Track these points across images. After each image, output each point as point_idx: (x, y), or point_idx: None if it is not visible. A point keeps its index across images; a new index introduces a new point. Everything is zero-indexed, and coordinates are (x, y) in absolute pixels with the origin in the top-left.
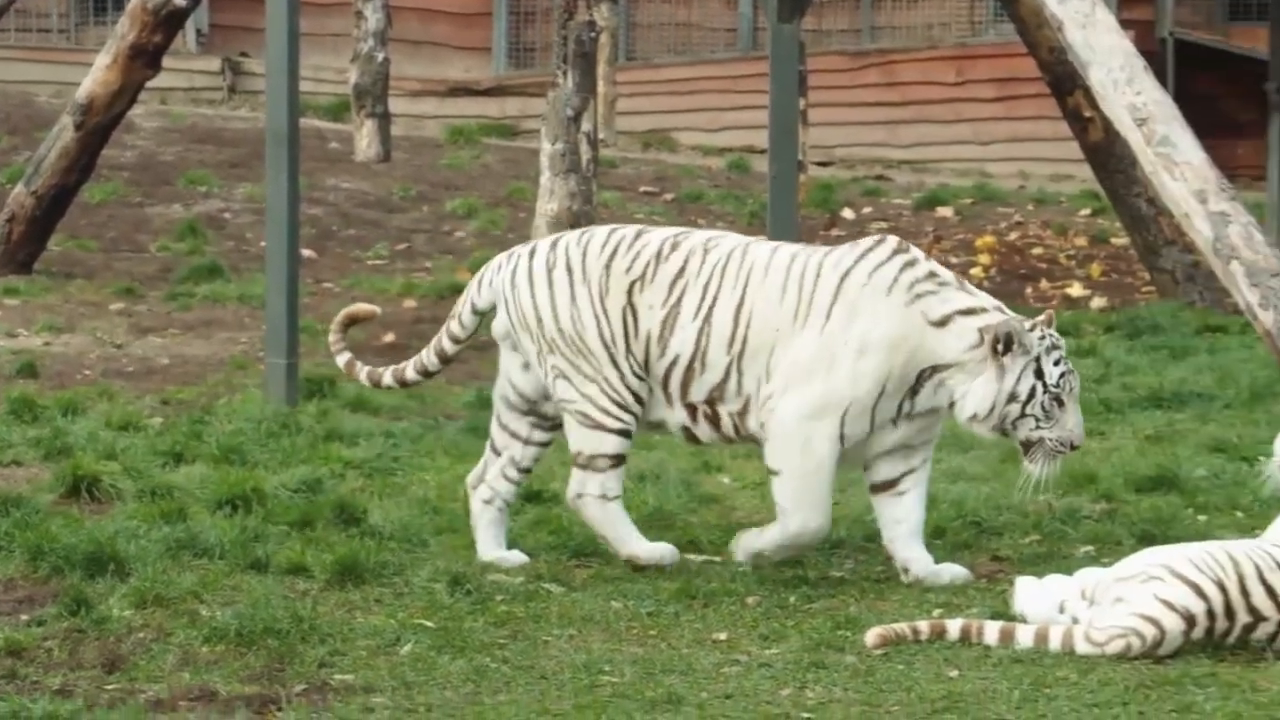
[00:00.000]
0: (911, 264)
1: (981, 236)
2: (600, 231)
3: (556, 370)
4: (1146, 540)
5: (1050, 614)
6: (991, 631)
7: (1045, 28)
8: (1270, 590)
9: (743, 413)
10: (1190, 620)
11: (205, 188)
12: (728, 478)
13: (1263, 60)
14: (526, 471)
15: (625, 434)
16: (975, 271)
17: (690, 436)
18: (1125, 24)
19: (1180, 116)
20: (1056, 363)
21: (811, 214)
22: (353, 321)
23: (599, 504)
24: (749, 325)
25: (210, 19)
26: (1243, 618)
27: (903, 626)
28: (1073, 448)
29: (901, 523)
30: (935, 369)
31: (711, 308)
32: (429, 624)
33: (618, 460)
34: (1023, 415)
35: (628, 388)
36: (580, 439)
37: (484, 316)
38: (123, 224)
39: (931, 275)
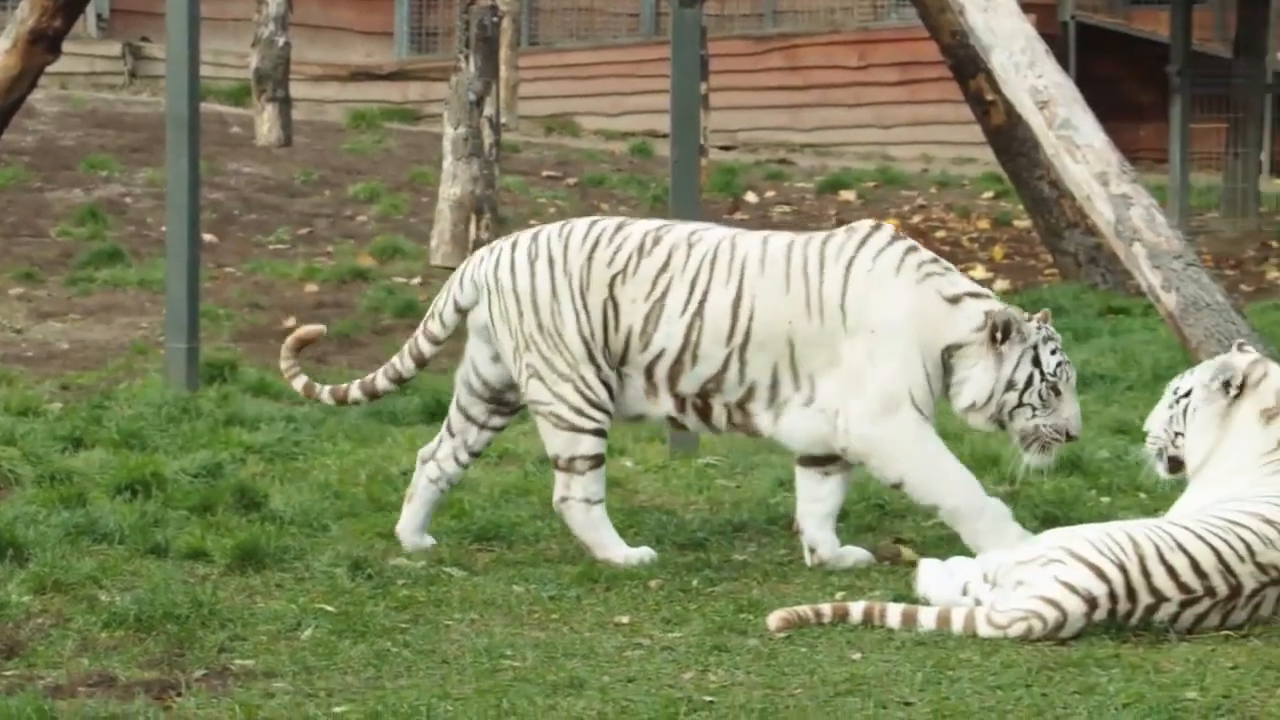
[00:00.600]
0: (914, 248)
1: (885, 219)
2: (581, 223)
3: (531, 369)
4: (1049, 522)
5: (953, 597)
6: (894, 614)
7: (947, 11)
8: (1172, 571)
9: (744, 401)
10: (1092, 602)
11: (106, 172)
12: (630, 461)
13: (1163, 43)
14: (476, 455)
15: (600, 434)
16: None
17: (676, 426)
18: (1026, 8)
19: (1081, 99)
20: (1053, 352)
21: (714, 198)
22: (302, 345)
23: (583, 509)
24: (752, 318)
25: (111, 4)
26: (1144, 599)
27: (805, 609)
28: (1069, 437)
29: (820, 502)
30: (949, 350)
31: (702, 302)
32: (330, 609)
33: (597, 461)
34: (1020, 404)
35: (603, 384)
36: (555, 442)
37: (466, 314)
38: (23, 209)
39: (935, 260)
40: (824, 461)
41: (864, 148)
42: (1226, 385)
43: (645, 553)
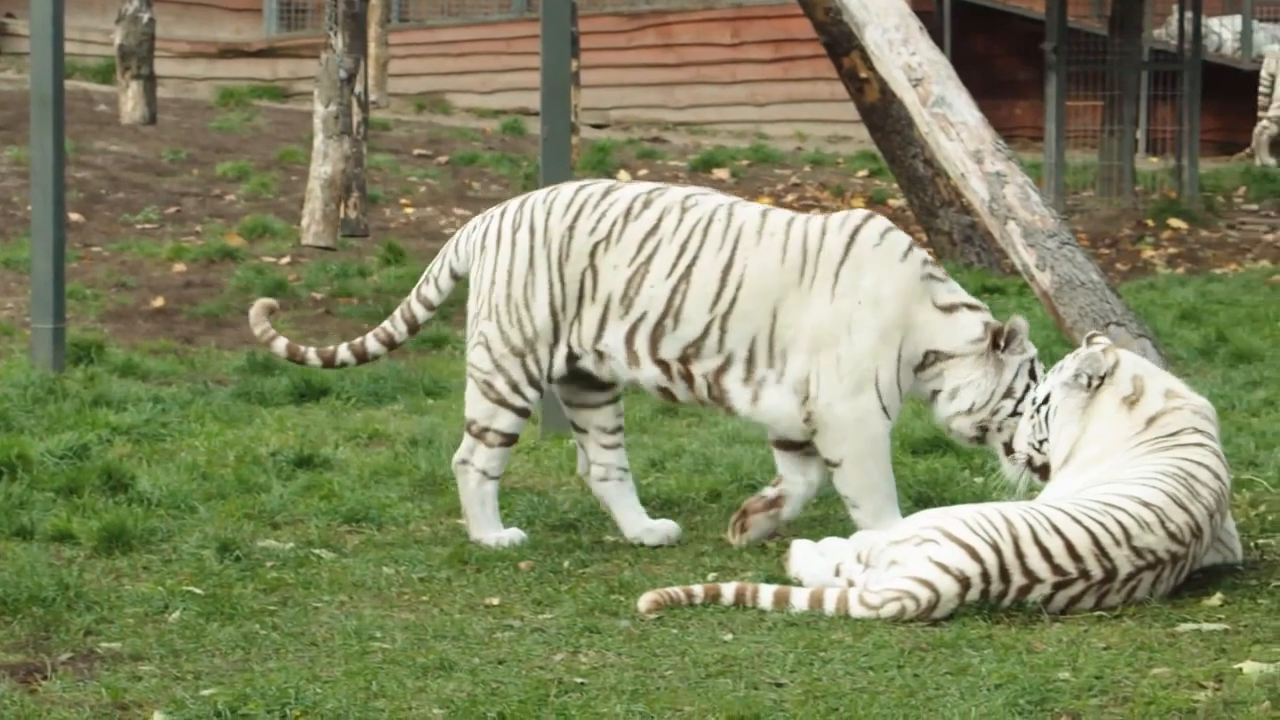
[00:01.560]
0: (916, 244)
1: (758, 198)
2: (567, 190)
3: (481, 337)
4: (923, 502)
5: (826, 577)
6: (766, 595)
7: None
8: (1046, 553)
9: (721, 371)
10: (965, 582)
11: None
12: None
13: (1039, 20)
14: (618, 430)
15: (524, 413)
16: None
17: (667, 395)
18: None
19: (955, 76)
20: (1044, 371)
21: (587, 176)
22: (271, 310)
23: (478, 479)
24: (740, 286)
25: None
26: (1018, 580)
27: (677, 590)
28: None
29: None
30: (937, 356)
31: (690, 266)
32: (198, 591)
33: (509, 440)
34: (1014, 413)
35: (552, 363)
36: (477, 408)
37: (461, 281)
38: None
39: (934, 263)
40: (804, 445)
41: (738, 126)
42: (1089, 380)
43: (516, 534)
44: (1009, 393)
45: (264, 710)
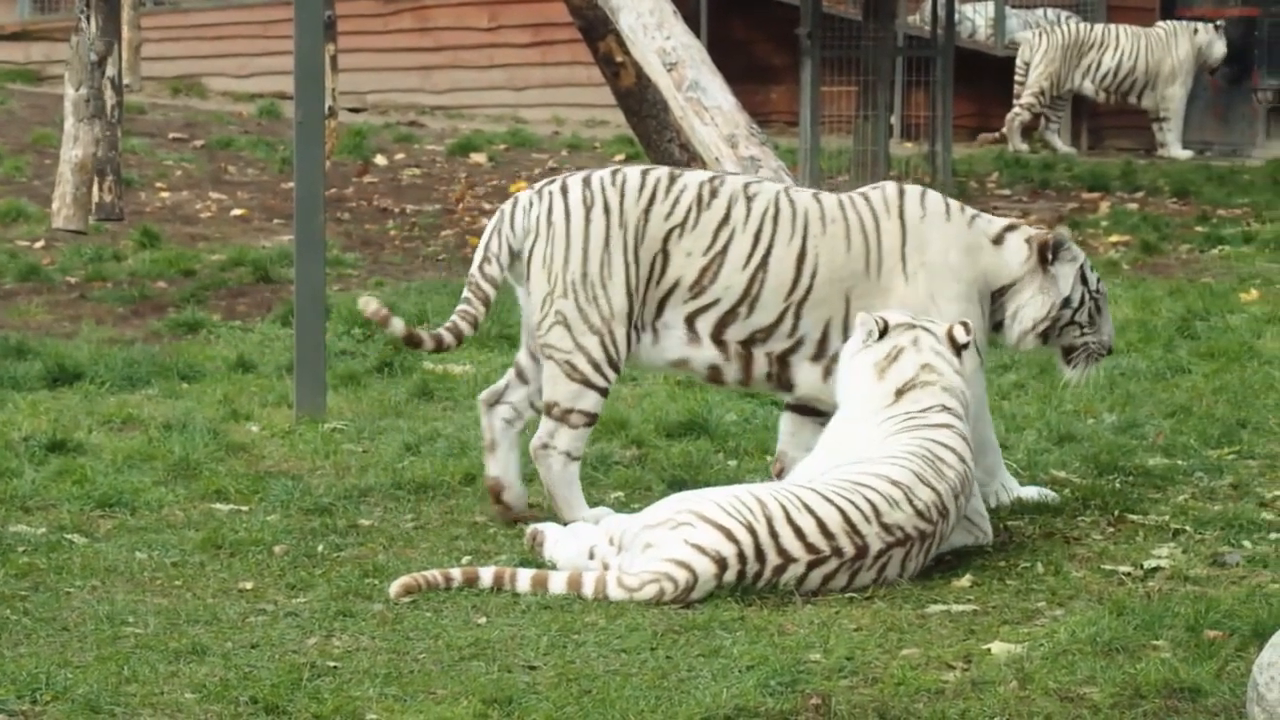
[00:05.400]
0: (944, 195)
1: (515, 183)
2: (634, 172)
3: (559, 316)
4: (677, 485)
5: (580, 560)
6: (524, 579)
7: None
8: (799, 532)
9: (788, 353)
10: (721, 563)
11: None
12: (256, 426)
13: (794, 6)
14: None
15: (605, 393)
16: None
17: (715, 374)
18: None
19: (710, 61)
20: (1092, 269)
21: (344, 160)
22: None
23: (562, 461)
24: (814, 275)
25: None
26: (773, 560)
27: (434, 574)
28: (1108, 351)
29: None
30: (1004, 290)
31: (766, 255)
32: None
33: (591, 419)
34: (1071, 321)
35: (626, 343)
36: (561, 390)
37: (518, 258)
38: None
39: (961, 203)
40: (821, 412)
41: (495, 110)
42: (870, 333)
43: (603, 514)
44: (1066, 303)
45: (14, 695)
